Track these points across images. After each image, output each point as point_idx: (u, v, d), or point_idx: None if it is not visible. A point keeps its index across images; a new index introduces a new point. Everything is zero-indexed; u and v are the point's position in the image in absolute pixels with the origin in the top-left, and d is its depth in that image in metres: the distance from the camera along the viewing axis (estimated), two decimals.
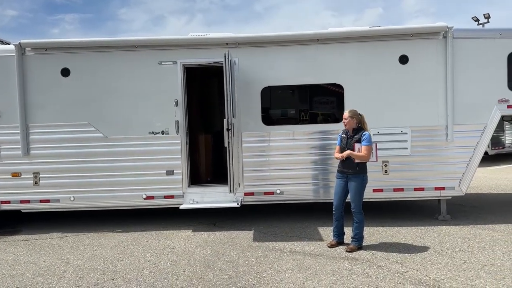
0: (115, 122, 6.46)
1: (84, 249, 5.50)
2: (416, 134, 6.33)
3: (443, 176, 6.34)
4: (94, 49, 6.45)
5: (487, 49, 6.32)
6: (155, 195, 6.47)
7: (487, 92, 6.32)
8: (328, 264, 4.63)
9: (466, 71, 6.29)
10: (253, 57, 6.45)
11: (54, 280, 4.42)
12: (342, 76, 6.42)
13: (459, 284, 3.98)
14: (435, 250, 5.01)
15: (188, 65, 6.49)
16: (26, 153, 6.47)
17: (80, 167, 6.47)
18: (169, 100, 6.44)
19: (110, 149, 6.46)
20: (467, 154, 6.33)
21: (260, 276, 4.35)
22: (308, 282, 4.14)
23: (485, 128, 6.32)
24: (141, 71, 6.44)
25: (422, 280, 4.10)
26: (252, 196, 6.50)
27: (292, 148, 6.45)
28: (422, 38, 6.31)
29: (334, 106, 6.58)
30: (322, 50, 6.42)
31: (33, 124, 6.48)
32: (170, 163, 6.46)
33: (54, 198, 6.50)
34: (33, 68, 6.46)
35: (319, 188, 6.45)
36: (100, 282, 4.31)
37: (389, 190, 6.37)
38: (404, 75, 6.35)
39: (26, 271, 4.74)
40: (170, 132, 6.45)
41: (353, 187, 5.11)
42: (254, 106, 6.47)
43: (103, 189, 6.46)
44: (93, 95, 6.47)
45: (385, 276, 4.24)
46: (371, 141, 5.10)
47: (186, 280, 4.30)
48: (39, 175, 6.50)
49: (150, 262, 4.88)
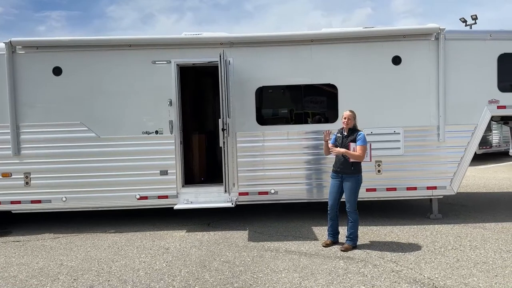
0: (108, 122, 6.39)
1: (77, 251, 5.44)
2: (408, 134, 6.40)
3: (435, 175, 6.43)
4: (87, 48, 6.37)
5: (478, 51, 6.43)
6: (148, 195, 6.43)
7: (478, 93, 6.43)
8: (323, 263, 4.67)
9: (457, 72, 6.38)
10: (247, 57, 6.45)
11: (48, 282, 4.36)
12: (336, 77, 6.46)
13: (453, 282, 4.05)
14: (428, 249, 5.09)
15: (182, 64, 6.46)
16: (16, 153, 6.36)
17: (73, 167, 6.39)
18: (163, 100, 6.40)
19: (103, 149, 6.39)
20: (458, 154, 6.43)
21: (257, 276, 4.36)
22: (305, 281, 4.17)
23: (475, 129, 6.43)
24: (135, 71, 6.39)
25: (417, 279, 4.15)
26: (246, 196, 6.50)
27: (286, 148, 6.47)
28: (415, 39, 6.39)
29: (328, 106, 6.62)
30: (316, 50, 6.45)
31: (24, 123, 6.38)
32: (164, 163, 6.43)
33: (46, 199, 6.41)
34: (24, 67, 6.35)
35: (313, 188, 6.49)
36: (96, 284, 4.27)
37: (382, 189, 6.43)
38: (397, 76, 6.42)
39: (19, 273, 4.67)
40: (164, 132, 6.41)
41: (348, 187, 5.15)
42: (248, 106, 6.46)
43: (96, 189, 6.39)
44: (86, 95, 6.39)
45: (381, 275, 4.28)
46: (366, 141, 5.15)
47: (182, 281, 4.29)
48: (30, 175, 6.40)
49: (145, 263, 4.85)
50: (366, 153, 5.16)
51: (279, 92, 6.70)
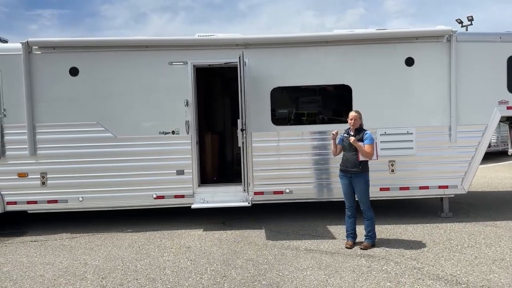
0: (124, 122, 6.44)
1: (98, 250, 5.49)
2: (421, 134, 6.52)
3: (446, 175, 6.56)
4: (103, 49, 6.40)
5: (488, 52, 6.56)
6: (165, 195, 6.48)
7: (488, 94, 6.56)
8: (346, 261, 4.77)
9: (468, 74, 6.51)
10: (262, 58, 6.53)
11: (77, 281, 4.41)
12: (350, 78, 6.56)
13: (475, 279, 4.17)
14: (445, 247, 5.21)
15: (198, 65, 6.52)
16: (33, 153, 6.38)
17: (89, 167, 6.42)
18: (179, 100, 6.45)
19: (120, 149, 6.43)
20: (469, 154, 6.57)
21: (283, 274, 4.44)
22: (331, 279, 4.26)
23: (486, 129, 6.57)
24: (151, 71, 6.44)
25: (440, 276, 4.27)
26: (261, 196, 6.58)
27: (301, 147, 6.56)
28: (427, 41, 6.51)
29: (342, 107, 6.72)
30: (331, 51, 6.55)
31: (40, 124, 6.40)
32: (180, 162, 6.49)
33: (62, 199, 6.44)
34: (40, 67, 6.37)
35: (328, 187, 6.58)
36: (125, 282, 4.33)
37: (396, 188, 6.55)
38: (410, 77, 6.54)
39: (45, 272, 4.71)
40: (180, 132, 6.47)
41: (359, 188, 5.25)
42: (263, 106, 6.54)
43: (112, 189, 6.43)
44: (102, 95, 6.43)
45: (404, 272, 4.39)
46: (373, 139, 5.26)
47: (210, 278, 4.36)
48: (46, 176, 6.42)
49: (170, 262, 4.91)
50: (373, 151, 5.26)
51: (294, 92, 6.79)
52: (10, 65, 6.33)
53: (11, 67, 6.32)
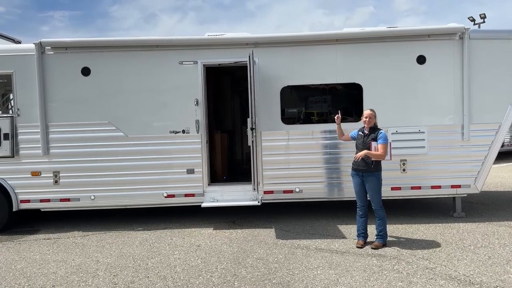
0: (136, 121, 6.49)
1: (109, 248, 5.54)
2: (433, 133, 6.45)
3: (459, 174, 6.48)
4: (115, 49, 6.46)
5: (501, 50, 6.46)
6: (176, 194, 6.52)
7: (502, 92, 6.45)
8: (356, 261, 4.74)
9: (481, 72, 6.42)
10: (272, 57, 6.52)
11: (89, 278, 4.46)
12: (361, 76, 6.51)
13: (489, 279, 4.11)
14: (458, 246, 5.14)
15: (208, 64, 6.54)
16: (46, 152, 6.47)
17: (101, 166, 6.49)
18: (189, 100, 6.48)
19: (131, 148, 6.48)
20: (482, 153, 6.47)
21: (293, 273, 4.43)
22: (342, 278, 4.24)
23: (499, 127, 6.45)
24: (162, 71, 6.48)
25: (453, 276, 4.21)
26: (271, 194, 6.57)
27: (311, 146, 6.54)
28: (439, 39, 6.43)
29: (353, 105, 6.68)
30: (341, 50, 6.51)
31: (53, 123, 6.48)
32: (191, 161, 6.51)
33: (75, 197, 6.52)
34: (53, 67, 6.46)
35: (338, 187, 6.54)
36: (136, 280, 4.36)
37: (407, 188, 6.49)
38: (422, 75, 6.46)
39: (58, 269, 4.77)
40: (190, 131, 6.50)
41: (371, 187, 5.21)
42: (273, 105, 6.53)
43: (124, 187, 6.49)
44: (114, 95, 6.49)
45: (416, 272, 4.35)
46: (387, 139, 5.21)
47: (220, 277, 4.37)
48: (59, 174, 6.51)
49: (181, 260, 4.94)
50: (386, 151, 5.21)
51: (304, 91, 6.77)
52: (24, 66, 6.43)
53: (25, 68, 6.42)
